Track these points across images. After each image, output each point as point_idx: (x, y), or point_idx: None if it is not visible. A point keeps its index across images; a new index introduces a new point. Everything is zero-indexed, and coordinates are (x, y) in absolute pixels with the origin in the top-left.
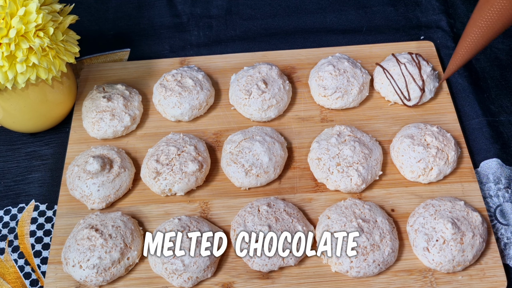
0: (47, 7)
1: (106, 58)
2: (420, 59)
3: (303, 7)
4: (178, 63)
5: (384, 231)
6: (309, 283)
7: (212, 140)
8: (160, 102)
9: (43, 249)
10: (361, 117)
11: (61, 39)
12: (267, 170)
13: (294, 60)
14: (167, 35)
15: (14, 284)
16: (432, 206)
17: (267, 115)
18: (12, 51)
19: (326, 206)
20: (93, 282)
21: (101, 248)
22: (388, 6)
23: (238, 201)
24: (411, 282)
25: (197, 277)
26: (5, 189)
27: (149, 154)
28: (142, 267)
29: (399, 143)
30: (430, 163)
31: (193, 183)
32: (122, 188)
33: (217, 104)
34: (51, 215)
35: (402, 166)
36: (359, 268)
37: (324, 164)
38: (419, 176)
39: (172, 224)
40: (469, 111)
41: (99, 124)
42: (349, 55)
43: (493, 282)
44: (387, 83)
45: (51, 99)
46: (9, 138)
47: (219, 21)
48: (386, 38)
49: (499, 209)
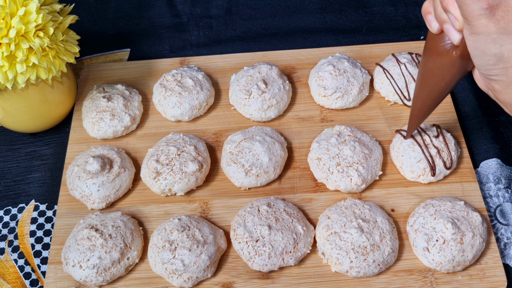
0: (47, 7)
1: (106, 58)
2: (420, 59)
3: (303, 7)
4: (178, 63)
5: (384, 231)
6: (309, 283)
7: (212, 140)
8: (160, 102)
9: (43, 249)
10: (361, 117)
11: (61, 39)
12: (267, 170)
13: (294, 60)
14: (167, 35)
15: (14, 284)
16: (432, 206)
17: (267, 115)
18: (12, 51)
19: (326, 206)
20: (93, 282)
21: (101, 248)
22: (388, 6)
23: (238, 201)
24: (411, 282)
25: (197, 277)
26: (5, 189)
27: (149, 154)
28: (142, 267)
29: (399, 143)
30: (431, 163)
31: (193, 183)
32: (122, 188)
33: (217, 104)
34: (51, 215)
35: (402, 166)
36: (359, 268)
37: (324, 164)
38: (419, 176)
39: (172, 224)
40: (469, 111)
41: (99, 124)
42: (349, 55)
43: (493, 282)
44: (387, 83)
45: (51, 99)
46: (9, 138)
47: (219, 21)
48: (386, 38)
49: (499, 209)
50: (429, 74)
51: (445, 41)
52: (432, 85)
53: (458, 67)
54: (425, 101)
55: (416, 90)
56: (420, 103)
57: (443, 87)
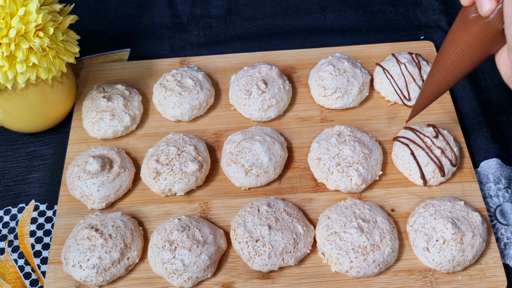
0: (47, 7)
1: (106, 58)
2: (420, 59)
3: (303, 7)
4: (178, 63)
5: (384, 231)
6: (309, 283)
7: (212, 140)
8: (160, 102)
9: (43, 249)
10: (361, 117)
11: (61, 39)
12: (267, 170)
13: (294, 60)
14: (167, 35)
15: (14, 284)
16: (432, 206)
17: (267, 115)
18: (12, 51)
19: (326, 206)
20: (93, 282)
21: (101, 248)
22: (388, 6)
23: (238, 201)
24: (411, 282)
25: (197, 277)
26: (5, 189)
27: (149, 154)
28: (142, 267)
29: (401, 151)
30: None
31: (193, 183)
32: (122, 188)
33: (217, 104)
34: (51, 215)
35: (411, 174)
36: (359, 268)
37: (324, 164)
38: (429, 179)
39: (172, 224)
40: (469, 111)
41: (99, 124)
42: (349, 55)
43: (493, 282)
44: (387, 83)
45: (51, 99)
46: (9, 138)
47: (219, 21)
48: (386, 38)
49: (499, 209)
50: (452, 46)
51: (475, 12)
52: (453, 57)
53: (483, 42)
54: (443, 76)
55: (435, 64)
56: (438, 77)
57: (463, 63)
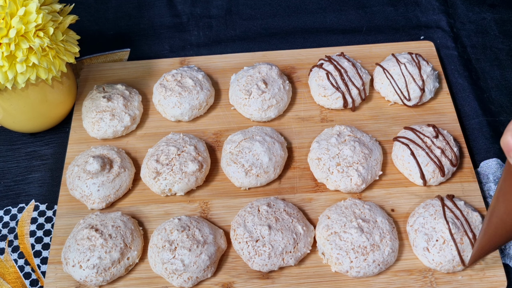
0: (47, 7)
1: (106, 58)
2: (420, 59)
3: (303, 7)
4: (178, 63)
5: (384, 231)
6: (309, 283)
7: (212, 140)
8: (160, 102)
9: (43, 249)
10: (361, 117)
11: (61, 39)
12: (267, 170)
13: (294, 60)
14: (167, 35)
15: (14, 284)
16: (432, 206)
17: (267, 115)
18: (12, 51)
19: (326, 206)
20: (93, 282)
21: (101, 248)
22: (388, 6)
23: (238, 201)
24: (411, 282)
25: (197, 277)
26: (5, 189)
27: (149, 154)
28: (142, 267)
29: (401, 151)
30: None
31: (193, 183)
32: (122, 188)
33: (217, 104)
34: (51, 215)
35: (411, 174)
36: (359, 268)
37: (324, 164)
38: (429, 179)
39: (172, 224)
40: (469, 111)
41: (99, 124)
42: (349, 55)
43: (493, 282)
44: (387, 83)
45: (51, 99)
46: (9, 138)
47: (219, 21)
48: (386, 38)
49: None
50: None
51: None
52: None
53: None
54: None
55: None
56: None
57: None
